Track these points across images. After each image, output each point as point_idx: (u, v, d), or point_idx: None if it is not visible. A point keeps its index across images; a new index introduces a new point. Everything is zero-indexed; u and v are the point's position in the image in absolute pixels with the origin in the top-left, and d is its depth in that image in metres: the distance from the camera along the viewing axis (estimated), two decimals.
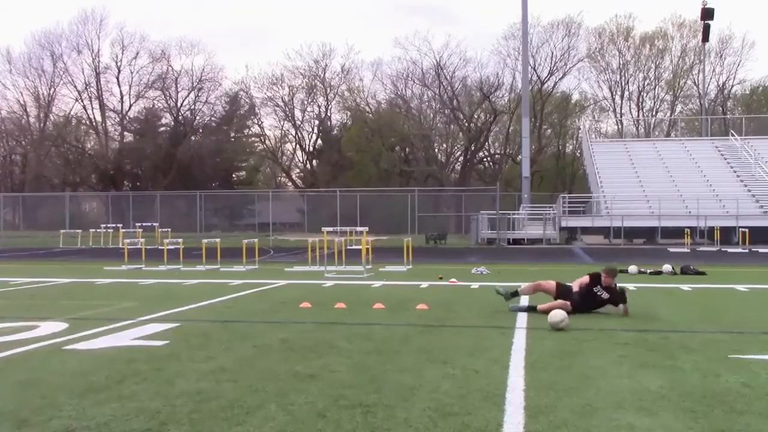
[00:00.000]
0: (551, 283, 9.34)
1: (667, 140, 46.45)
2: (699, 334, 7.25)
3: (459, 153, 59.96)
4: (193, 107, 59.30)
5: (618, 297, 8.87)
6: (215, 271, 16.55)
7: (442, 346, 6.55)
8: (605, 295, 8.91)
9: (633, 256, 20.92)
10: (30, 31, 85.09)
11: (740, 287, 12.12)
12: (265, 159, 63.54)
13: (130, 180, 59.07)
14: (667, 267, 15.13)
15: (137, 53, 56.88)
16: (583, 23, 56.76)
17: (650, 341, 6.73)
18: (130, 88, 57.74)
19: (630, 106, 59.54)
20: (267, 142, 61.84)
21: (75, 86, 57.20)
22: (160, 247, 19.49)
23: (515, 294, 9.40)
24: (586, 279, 9.09)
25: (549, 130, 59.07)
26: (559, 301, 8.78)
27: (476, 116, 57.14)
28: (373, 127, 56.58)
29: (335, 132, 60.57)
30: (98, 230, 30.35)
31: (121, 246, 21.15)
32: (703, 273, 14.84)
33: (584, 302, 8.84)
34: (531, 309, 8.94)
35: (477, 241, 31.51)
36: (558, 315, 7.49)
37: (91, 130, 59.97)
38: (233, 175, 62.50)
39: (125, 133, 60.47)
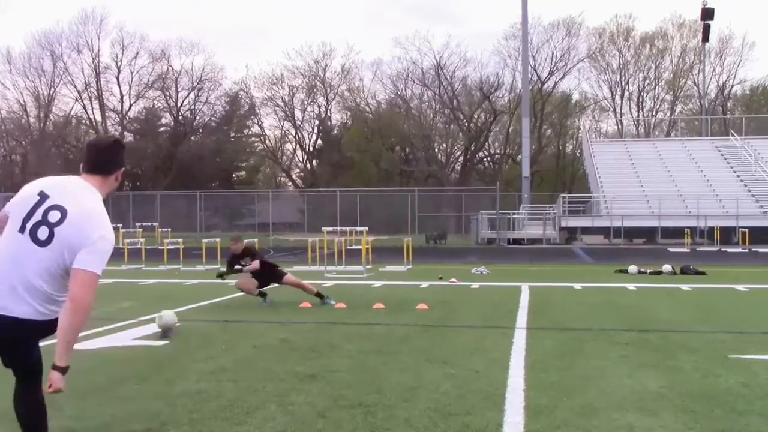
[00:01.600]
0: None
1: (667, 140, 46.42)
2: (699, 334, 7.25)
3: (459, 153, 59.93)
4: (193, 107, 59.25)
5: (253, 252, 10.07)
6: (215, 271, 16.53)
7: (442, 346, 6.55)
8: (246, 261, 9.85)
9: (633, 256, 20.92)
10: (30, 31, 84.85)
11: (740, 287, 12.12)
12: (265, 159, 63.50)
13: (131, 180, 58.99)
14: (667, 267, 15.13)
15: (137, 53, 56.82)
16: (584, 23, 56.72)
17: (650, 341, 6.74)
18: (130, 88, 57.71)
19: (630, 106, 59.54)
20: (267, 142, 61.84)
21: (75, 86, 57.15)
22: (160, 247, 19.50)
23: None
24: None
25: (549, 130, 59.01)
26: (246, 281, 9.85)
27: (476, 116, 57.09)
28: (373, 127, 56.54)
29: (335, 132, 60.53)
30: None
31: (121, 246, 21.14)
32: (703, 273, 14.84)
33: (262, 276, 9.85)
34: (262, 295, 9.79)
35: (477, 241, 31.51)
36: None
37: (91, 130, 59.87)
38: (233, 175, 62.43)
39: (125, 133, 60.31)
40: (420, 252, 22.98)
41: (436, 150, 59.18)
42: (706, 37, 46.82)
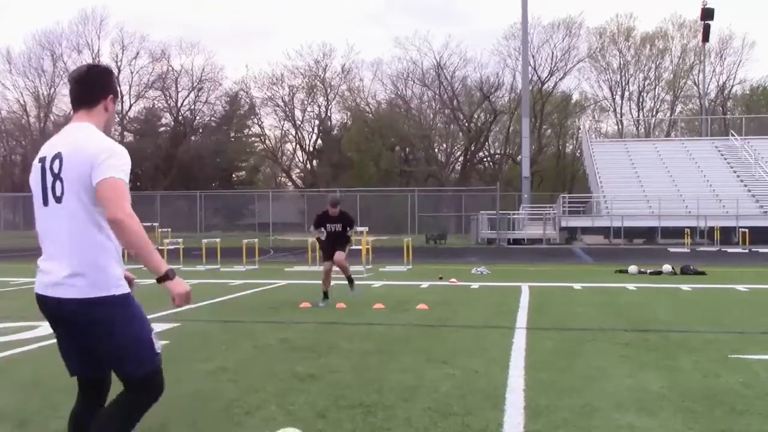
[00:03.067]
0: (329, 264, 9.94)
1: (667, 140, 46.43)
2: (699, 334, 7.25)
3: (459, 153, 59.94)
4: (193, 107, 59.31)
5: (350, 220, 9.95)
6: (215, 271, 16.55)
7: (442, 346, 6.55)
8: (337, 226, 9.79)
9: (633, 256, 20.92)
10: (30, 31, 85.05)
11: (740, 287, 12.12)
12: (265, 159, 63.51)
13: (131, 180, 58.63)
14: (667, 267, 15.13)
15: (137, 53, 56.90)
16: (584, 23, 56.85)
17: (650, 341, 6.73)
18: (130, 88, 57.77)
19: (630, 106, 59.56)
20: (267, 142, 61.84)
21: None
22: (160, 247, 19.38)
23: (326, 295, 9.83)
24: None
25: (549, 130, 59.02)
26: (327, 263, 9.85)
27: (476, 116, 57.11)
28: (373, 127, 56.53)
29: (335, 132, 60.54)
30: None
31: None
32: (703, 273, 14.84)
33: (333, 243, 9.80)
34: (325, 295, 9.75)
35: (477, 241, 31.51)
36: None
37: None
38: (233, 175, 62.44)
39: (125, 133, 60.42)
40: (420, 252, 22.98)
41: (436, 150, 59.18)
42: (706, 37, 46.83)
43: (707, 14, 44.82)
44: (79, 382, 2.92)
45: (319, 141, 61.36)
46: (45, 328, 7.61)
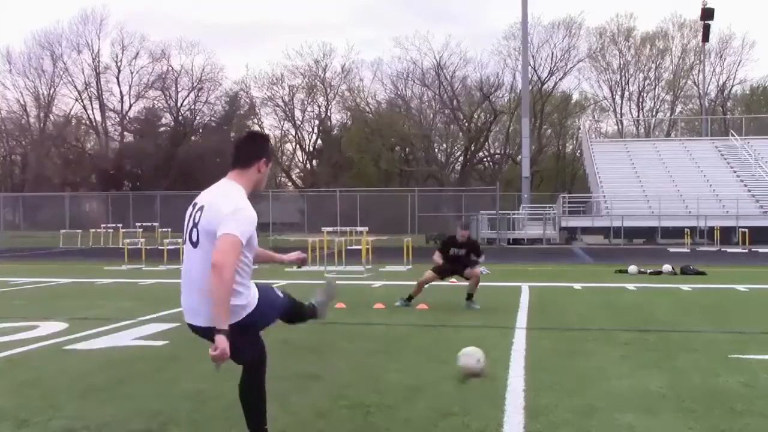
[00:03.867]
0: (428, 274, 9.64)
1: (667, 140, 46.42)
2: (699, 334, 7.25)
3: (459, 153, 59.93)
4: (193, 107, 59.29)
5: (477, 247, 9.53)
6: None
7: (442, 346, 6.55)
8: (461, 251, 9.36)
9: (633, 256, 20.92)
10: (30, 31, 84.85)
11: (740, 287, 12.11)
12: None
13: (131, 180, 59.03)
14: (667, 267, 15.12)
15: (137, 53, 56.87)
16: (584, 23, 56.76)
17: (650, 341, 6.74)
18: (130, 88, 57.76)
19: (630, 106, 59.56)
20: None
21: (75, 86, 57.20)
22: (160, 247, 19.49)
23: (410, 299, 9.57)
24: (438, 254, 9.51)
25: (549, 130, 59.02)
26: (428, 273, 9.49)
27: (476, 116, 57.09)
28: (373, 127, 56.52)
29: (335, 132, 60.52)
30: (98, 230, 30.33)
31: (121, 246, 21.15)
32: (703, 273, 14.83)
33: (450, 266, 9.38)
34: (409, 298, 9.48)
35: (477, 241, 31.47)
36: (470, 358, 5.25)
37: (91, 130, 59.94)
38: None
39: (125, 133, 60.44)
40: (420, 252, 22.97)
41: (436, 150, 59.18)
42: (706, 37, 46.82)
43: (707, 14, 44.81)
44: None
45: (319, 141, 61.37)
46: (45, 328, 7.61)
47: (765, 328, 7.72)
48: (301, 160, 63.82)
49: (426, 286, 9.75)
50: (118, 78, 57.47)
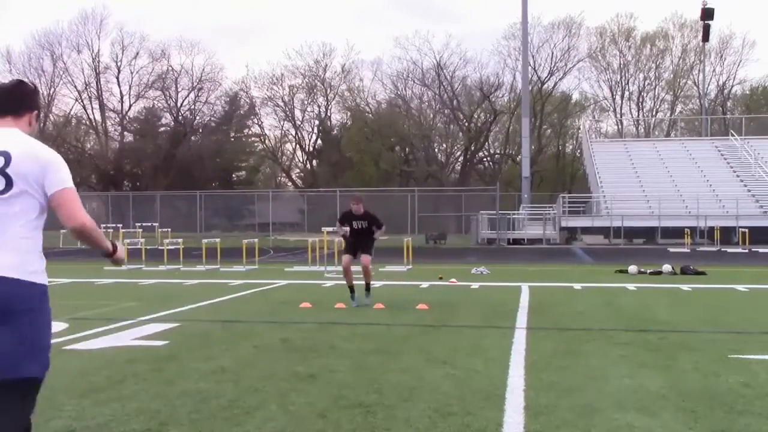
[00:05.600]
0: (343, 258, 9.79)
1: (667, 140, 46.42)
2: (699, 334, 7.26)
3: (459, 153, 59.93)
4: (193, 107, 59.23)
5: (377, 219, 9.77)
6: (215, 271, 16.55)
7: (442, 346, 6.55)
8: (363, 223, 9.61)
9: (633, 256, 20.92)
10: (30, 31, 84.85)
11: (740, 287, 12.12)
12: (265, 159, 63.50)
13: (130, 180, 59.02)
14: (667, 267, 15.13)
15: (137, 53, 56.81)
16: (584, 23, 56.77)
17: (650, 341, 6.73)
18: (130, 88, 57.71)
19: (630, 106, 59.53)
20: (267, 142, 61.81)
21: (75, 86, 57.16)
22: (160, 247, 19.49)
23: (352, 291, 9.73)
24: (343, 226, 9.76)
25: (549, 130, 59.00)
26: (345, 257, 9.62)
27: (476, 116, 57.08)
28: (373, 127, 56.51)
29: (335, 132, 60.50)
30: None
31: (121, 246, 21.13)
32: (703, 273, 14.84)
33: (357, 241, 9.62)
34: (351, 292, 9.65)
35: (477, 241, 31.50)
36: None
37: (91, 130, 59.92)
38: (233, 175, 62.38)
39: (125, 133, 60.39)
40: (420, 252, 22.97)
41: (436, 150, 59.18)
42: (706, 37, 46.82)
43: (707, 14, 44.80)
44: None
45: (319, 141, 61.34)
46: None
47: (765, 328, 7.72)
48: (301, 160, 63.86)
49: (352, 269, 9.88)
50: (118, 78, 57.48)
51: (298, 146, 62.02)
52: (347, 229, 9.70)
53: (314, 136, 61.57)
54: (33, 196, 2.83)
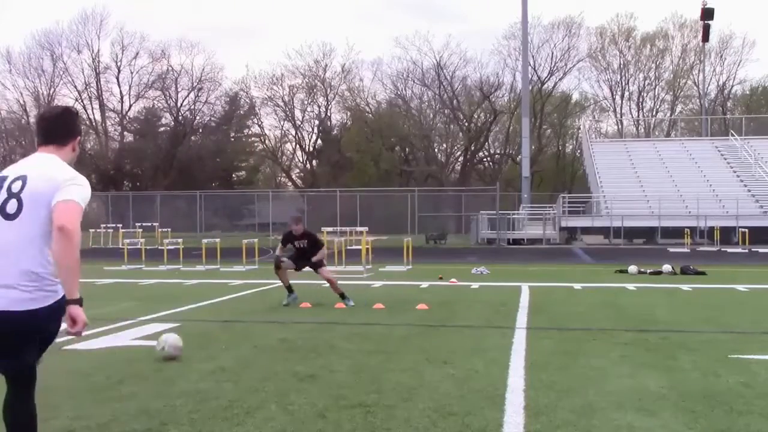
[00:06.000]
0: (286, 263, 9.89)
1: (667, 140, 46.40)
2: (699, 334, 7.25)
3: (459, 153, 59.88)
4: (193, 107, 59.18)
5: (317, 239, 9.94)
6: (215, 271, 16.55)
7: (442, 346, 6.55)
8: (303, 243, 9.75)
9: (633, 256, 20.92)
10: (30, 31, 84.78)
11: (740, 287, 12.12)
12: (265, 159, 63.47)
13: (130, 180, 59.00)
14: (667, 267, 15.13)
15: (137, 53, 56.75)
16: (584, 23, 56.70)
17: (650, 341, 6.74)
18: (130, 88, 57.67)
19: (630, 106, 59.48)
20: (267, 142, 61.76)
21: (75, 86, 57.13)
22: (160, 247, 19.49)
23: (290, 290, 9.83)
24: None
25: (549, 130, 58.96)
26: (287, 262, 9.76)
27: (476, 116, 57.05)
28: (373, 127, 56.50)
29: (335, 132, 60.48)
30: (98, 230, 30.33)
31: (121, 246, 21.15)
32: (703, 273, 14.84)
33: (300, 258, 9.80)
34: (288, 288, 9.76)
35: (477, 241, 31.49)
36: (157, 345, 6.00)
37: (91, 130, 59.85)
38: (233, 175, 62.37)
39: (125, 133, 60.36)
40: (420, 252, 22.97)
41: (436, 150, 59.15)
42: (706, 37, 46.80)
43: (707, 14, 44.80)
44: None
45: (319, 141, 61.31)
46: None
47: (765, 328, 7.72)
48: (301, 160, 63.82)
49: (290, 271, 10.00)
50: (118, 78, 57.44)
51: (298, 146, 62.02)
52: (284, 257, 9.84)
53: (314, 136, 61.58)
54: (42, 218, 2.84)
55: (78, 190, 2.91)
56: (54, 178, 2.88)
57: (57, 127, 3.09)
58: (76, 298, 2.84)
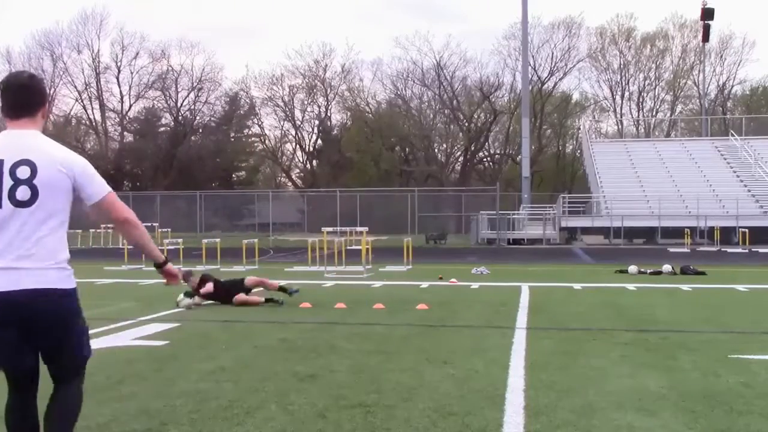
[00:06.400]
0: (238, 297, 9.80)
1: (667, 140, 46.42)
2: (699, 334, 7.25)
3: (459, 153, 59.90)
4: (193, 107, 59.23)
5: (207, 278, 9.89)
6: (215, 271, 16.54)
7: (442, 346, 6.55)
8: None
9: (633, 256, 20.92)
10: (30, 31, 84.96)
11: (740, 287, 12.11)
12: (265, 159, 63.50)
13: (130, 180, 59.00)
14: (667, 267, 15.12)
15: (137, 53, 56.81)
16: (584, 23, 56.75)
17: (650, 341, 6.73)
18: (130, 88, 57.71)
19: (630, 106, 59.52)
20: (267, 142, 61.81)
21: (75, 86, 57.17)
22: (160, 248, 19.45)
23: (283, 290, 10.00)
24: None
25: (549, 130, 58.99)
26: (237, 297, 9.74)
27: (476, 116, 57.07)
28: (373, 127, 56.52)
29: (335, 132, 60.50)
30: (98, 230, 30.32)
31: (121, 246, 21.15)
32: (703, 273, 14.83)
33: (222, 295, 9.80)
34: (281, 289, 9.98)
35: (477, 241, 31.50)
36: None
37: (91, 131, 59.92)
38: (233, 175, 62.39)
39: (125, 133, 60.40)
40: (420, 252, 22.97)
41: (436, 150, 59.17)
42: (706, 37, 46.81)
43: (707, 14, 44.80)
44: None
45: (319, 141, 61.33)
46: None
47: (765, 328, 7.72)
48: (301, 160, 63.84)
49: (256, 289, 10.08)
50: (118, 78, 57.47)
51: (298, 146, 62.05)
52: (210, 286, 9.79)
53: (314, 136, 61.60)
54: (58, 205, 2.87)
55: (99, 177, 3.02)
56: (67, 166, 2.88)
57: (27, 97, 2.90)
58: (164, 259, 3.24)
